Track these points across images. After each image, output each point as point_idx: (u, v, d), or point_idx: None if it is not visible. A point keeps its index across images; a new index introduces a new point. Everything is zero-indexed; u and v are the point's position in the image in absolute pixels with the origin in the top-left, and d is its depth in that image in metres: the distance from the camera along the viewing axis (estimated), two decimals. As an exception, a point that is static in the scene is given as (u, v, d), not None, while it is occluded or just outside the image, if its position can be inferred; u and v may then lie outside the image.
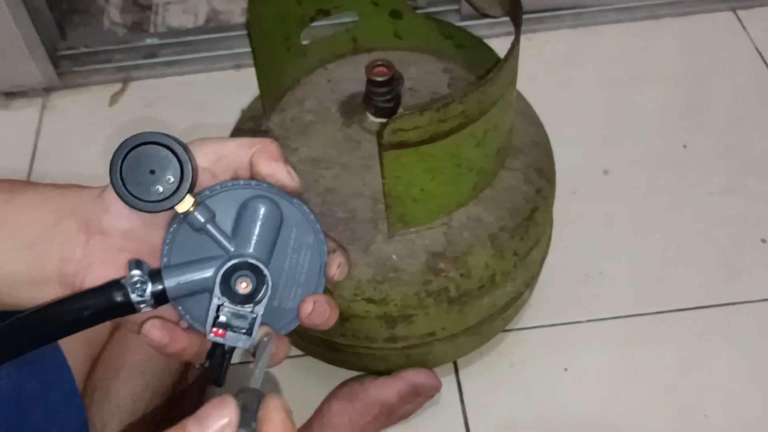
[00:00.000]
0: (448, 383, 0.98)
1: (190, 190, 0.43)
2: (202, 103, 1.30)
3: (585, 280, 1.07)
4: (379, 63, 0.79)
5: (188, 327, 0.46)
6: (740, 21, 1.36)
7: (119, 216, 0.44)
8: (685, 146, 1.20)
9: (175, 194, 0.42)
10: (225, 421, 0.35)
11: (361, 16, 0.89)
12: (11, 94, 1.34)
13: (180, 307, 0.45)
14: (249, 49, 0.80)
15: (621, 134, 1.23)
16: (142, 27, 1.41)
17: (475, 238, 0.79)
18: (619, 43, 1.35)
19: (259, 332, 0.45)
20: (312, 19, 0.87)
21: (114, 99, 1.32)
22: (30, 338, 0.44)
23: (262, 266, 0.44)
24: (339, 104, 0.87)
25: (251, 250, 0.44)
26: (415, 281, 0.78)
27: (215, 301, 0.44)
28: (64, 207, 0.46)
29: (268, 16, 0.81)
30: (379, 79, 0.78)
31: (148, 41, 1.36)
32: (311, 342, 0.91)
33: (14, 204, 0.47)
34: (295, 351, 0.98)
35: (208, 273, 0.44)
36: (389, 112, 0.81)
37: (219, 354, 0.45)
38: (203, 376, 0.89)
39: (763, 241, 1.10)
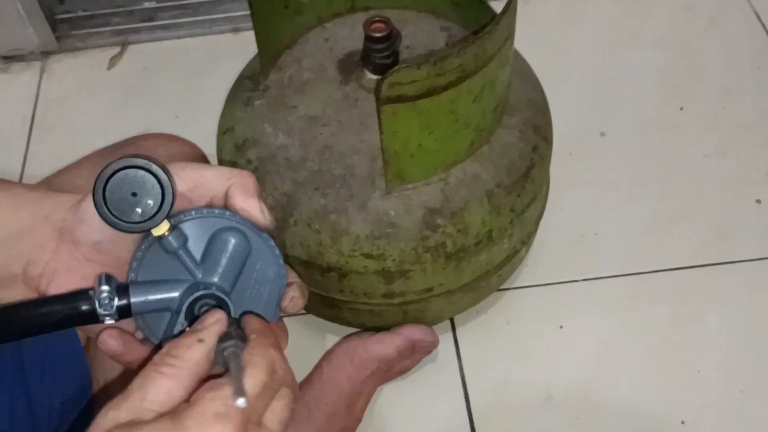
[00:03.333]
0: (445, 340, 0.99)
1: (167, 216, 0.44)
2: (200, 67, 1.30)
3: (581, 240, 1.09)
4: (377, 19, 0.79)
5: (144, 339, 0.48)
6: (738, -18, 1.36)
7: (92, 229, 0.46)
8: (682, 108, 1.21)
9: (153, 218, 0.44)
10: (218, 315, 0.43)
11: (359, -27, 0.89)
12: (9, 58, 1.34)
13: (140, 321, 0.47)
14: (246, 13, 0.80)
15: (617, 97, 1.23)
16: (139, -10, 1.40)
17: (471, 194, 0.79)
18: (616, 5, 1.35)
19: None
20: (310, -22, 0.87)
21: (112, 62, 1.32)
22: None
23: (227, 299, 0.46)
24: (336, 62, 0.87)
25: (217, 279, 0.46)
26: (413, 237, 0.79)
27: (179, 327, 0.46)
28: (38, 212, 0.47)
29: (265, -26, 0.81)
30: (378, 35, 0.78)
31: (146, 4, 1.36)
32: (310, 299, 0.90)
33: None
34: (294, 309, 0.99)
35: (173, 294, 0.46)
36: (387, 69, 0.81)
37: None
38: None
39: (758, 201, 1.11)
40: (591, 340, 1.00)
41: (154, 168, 0.44)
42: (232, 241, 0.46)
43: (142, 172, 0.44)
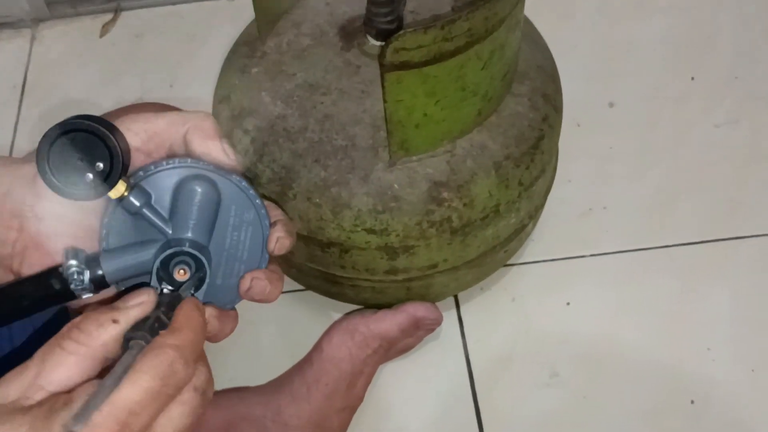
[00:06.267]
0: (449, 317, 0.96)
1: (122, 175, 0.42)
2: (195, 34, 1.26)
3: (588, 214, 1.05)
4: (380, -19, 0.75)
5: None
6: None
7: (52, 202, 0.43)
8: (693, 78, 1.17)
9: (106, 181, 0.41)
10: (143, 298, 0.40)
11: (360, -65, 0.85)
12: (-2, 25, 1.30)
13: (123, 289, 0.45)
14: (243, -26, 0.77)
15: (627, 66, 1.19)
16: (132, -45, 1.36)
17: (479, 166, 0.76)
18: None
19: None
20: (309, -62, 0.83)
21: (105, 29, 1.28)
22: None
23: (199, 254, 0.43)
24: (338, 28, 0.83)
25: (189, 233, 0.44)
26: (417, 211, 0.76)
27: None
28: None
29: (262, -67, 0.77)
30: (380, -2, 0.75)
31: (139, -31, 1.32)
32: (310, 276, 0.89)
33: None
34: (294, 285, 0.96)
35: (146, 257, 0.44)
36: (390, 35, 0.77)
37: None
38: None
39: (771, 174, 1.08)
40: (598, 317, 0.97)
41: (95, 128, 0.40)
42: (198, 190, 0.44)
43: (84, 134, 0.40)
